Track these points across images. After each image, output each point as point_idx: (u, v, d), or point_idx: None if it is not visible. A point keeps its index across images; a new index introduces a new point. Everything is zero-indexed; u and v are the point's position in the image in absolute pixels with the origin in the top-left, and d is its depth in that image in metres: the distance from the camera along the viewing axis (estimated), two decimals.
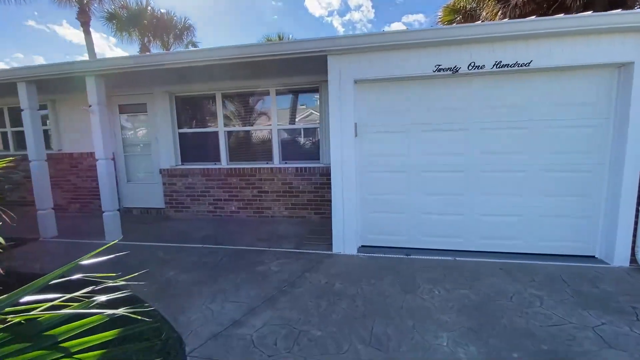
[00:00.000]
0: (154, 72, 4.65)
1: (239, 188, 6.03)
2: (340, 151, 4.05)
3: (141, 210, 6.59)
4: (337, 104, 4.00)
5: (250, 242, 4.71)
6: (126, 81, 5.51)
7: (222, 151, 6.09)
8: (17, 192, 7.27)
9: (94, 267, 1.24)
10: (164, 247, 4.61)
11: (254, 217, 6.02)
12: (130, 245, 4.71)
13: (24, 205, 7.25)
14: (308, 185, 5.70)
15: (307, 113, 5.98)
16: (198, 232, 5.28)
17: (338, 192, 4.13)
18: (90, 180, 6.73)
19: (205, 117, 6.21)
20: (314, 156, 5.80)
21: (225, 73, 4.98)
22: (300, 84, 5.57)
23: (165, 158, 6.26)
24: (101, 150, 4.82)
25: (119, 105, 6.50)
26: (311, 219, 5.77)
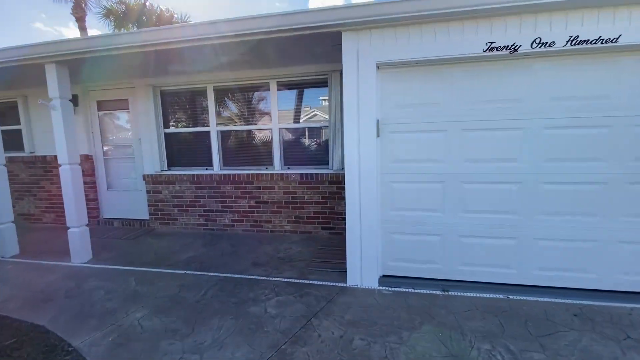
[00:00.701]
0: (131, 58, 3.80)
1: (233, 197, 5.16)
2: (357, 155, 3.16)
3: (123, 222, 5.75)
4: (354, 95, 3.11)
5: (243, 267, 3.82)
6: (100, 71, 4.67)
7: (214, 154, 5.22)
8: None
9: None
10: (139, 273, 3.75)
11: (251, 232, 5.14)
12: (99, 270, 3.86)
13: None
14: (315, 195, 4.81)
15: (312, 112, 5.09)
16: (183, 251, 4.41)
17: (354, 206, 3.24)
18: None
19: (196, 114, 5.36)
20: (322, 161, 4.91)
21: (216, 59, 4.11)
22: (305, 75, 4.69)
23: (149, 162, 5.41)
24: (64, 154, 3.98)
25: (98, 101, 5.67)
26: (318, 235, 4.87)
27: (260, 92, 5.00)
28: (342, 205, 4.71)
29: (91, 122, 5.73)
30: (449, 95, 3.07)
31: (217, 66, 4.55)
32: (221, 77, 4.91)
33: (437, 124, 3.12)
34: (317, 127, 4.92)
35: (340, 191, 4.68)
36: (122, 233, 5.34)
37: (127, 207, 5.81)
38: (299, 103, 4.98)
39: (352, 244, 3.32)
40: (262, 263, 3.92)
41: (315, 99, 4.90)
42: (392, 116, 3.20)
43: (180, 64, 4.36)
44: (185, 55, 3.86)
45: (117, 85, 5.43)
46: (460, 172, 3.14)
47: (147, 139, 5.36)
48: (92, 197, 5.83)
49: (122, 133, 5.77)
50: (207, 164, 5.31)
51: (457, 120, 3.08)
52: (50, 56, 3.69)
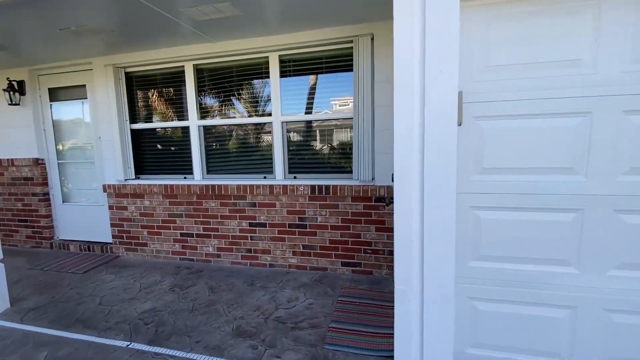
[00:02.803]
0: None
1: (219, 217, 3.76)
2: (415, 159, 1.71)
3: (81, 246, 4.42)
4: (412, 52, 1.66)
5: (220, 338, 2.40)
6: (31, 37, 3.37)
7: (195, 158, 3.85)
8: None
9: None
10: (57, 344, 2.38)
11: (243, 266, 3.72)
12: (4, 332, 2.51)
13: None
14: (332, 216, 3.37)
15: (329, 99, 3.65)
16: (140, 299, 3.03)
17: (408, 247, 1.79)
18: (14, 199, 4.64)
19: (171, 104, 4.00)
20: (343, 168, 3.47)
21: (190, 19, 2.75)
22: (319, 43, 3.27)
23: (111, 168, 4.07)
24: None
25: (50, 89, 4.38)
26: (337, 273, 3.42)
27: (257, 71, 3.60)
28: (372, 232, 3.25)
29: (42, 116, 4.45)
30: (596, 46, 1.59)
31: (195, 34, 3.19)
32: (203, 51, 3.55)
33: (572, 102, 1.64)
34: (336, 119, 3.48)
35: (370, 211, 3.23)
36: (73, 263, 4.00)
37: (87, 227, 4.49)
38: (310, 86, 3.55)
39: (403, 313, 1.85)
40: (251, 330, 2.49)
41: (333, 80, 3.46)
42: (482, 88, 1.74)
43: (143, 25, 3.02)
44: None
45: (72, 66, 4.14)
46: (615, 192, 1.65)
47: (108, 137, 4.03)
48: (44, 213, 4.53)
49: (80, 130, 4.45)
50: (186, 171, 3.94)
51: (613, 95, 1.59)
52: None
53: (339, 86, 3.43)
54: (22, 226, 4.67)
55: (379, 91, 3.09)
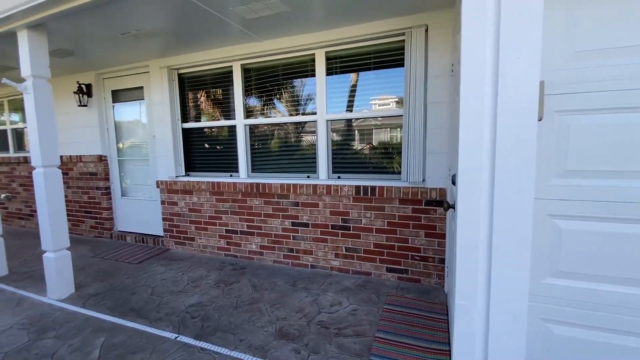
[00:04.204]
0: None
1: (262, 215, 3.77)
2: (485, 158, 1.51)
3: (136, 237, 4.72)
4: (483, 34, 1.46)
5: (263, 338, 2.37)
6: (97, 42, 3.63)
7: (240, 156, 3.90)
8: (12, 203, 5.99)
9: None
10: (114, 332, 2.51)
11: (284, 265, 3.70)
12: (69, 318, 2.71)
13: (20, 218, 5.93)
14: (377, 218, 3.21)
15: (376, 96, 3.48)
16: (188, 292, 3.12)
17: (472, 259, 1.59)
18: (81, 192, 5.08)
19: (219, 104, 4.11)
20: (390, 169, 3.30)
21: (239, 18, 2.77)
22: (367, 38, 3.13)
23: (164, 165, 4.28)
24: (37, 153, 2.93)
25: (112, 91, 4.73)
26: (382, 279, 3.26)
27: (302, 69, 3.55)
28: (422, 237, 3.04)
29: (106, 116, 4.81)
30: None
31: (243, 33, 3.21)
32: (250, 51, 3.58)
33: None
34: (384, 117, 3.31)
35: (419, 215, 3.02)
36: (129, 253, 4.27)
37: (142, 220, 4.78)
38: (355, 83, 3.42)
39: (465, 332, 1.65)
40: (293, 333, 2.43)
41: (380, 76, 3.29)
42: (567, 78, 1.49)
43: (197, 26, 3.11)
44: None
45: (131, 69, 4.42)
46: None
47: (161, 136, 4.24)
48: (105, 206, 4.91)
49: (137, 129, 4.75)
50: (232, 169, 4.02)
51: None
52: (23, 11, 2.62)
53: (385, 83, 3.25)
54: (87, 217, 5.11)
55: (432, 87, 2.87)
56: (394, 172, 3.27)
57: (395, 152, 3.28)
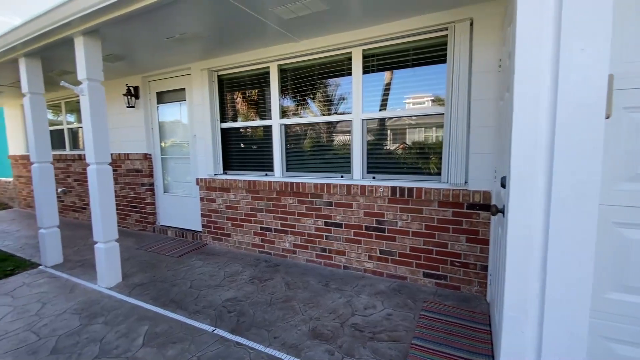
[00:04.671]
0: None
1: (296, 214, 3.80)
2: (541, 158, 1.38)
3: (176, 232, 4.95)
4: (542, 19, 1.35)
5: (296, 337, 2.37)
6: (144, 46, 3.84)
7: (275, 155, 3.96)
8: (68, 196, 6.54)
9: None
10: (156, 320, 2.64)
11: (317, 265, 3.69)
12: (116, 305, 2.89)
13: (74, 210, 6.47)
14: (415, 221, 3.10)
15: (415, 95, 3.36)
16: (225, 287, 3.21)
17: (523, 269, 1.47)
18: (128, 188, 5.43)
19: (255, 104, 4.19)
20: (429, 169, 3.17)
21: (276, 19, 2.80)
22: (406, 34, 3.03)
23: (203, 163, 4.45)
24: (91, 150, 3.15)
25: (157, 93, 5.00)
26: (418, 285, 3.14)
27: (338, 68, 3.52)
28: (462, 242, 2.89)
29: (151, 117, 5.10)
30: None
31: (281, 34, 3.25)
32: (287, 51, 3.61)
33: None
34: (419, 116, 3.19)
35: (460, 219, 2.87)
36: (170, 247, 4.49)
37: (182, 215, 5.01)
38: (391, 81, 3.32)
39: (514, 346, 1.53)
40: (327, 334, 2.40)
41: (418, 74, 3.17)
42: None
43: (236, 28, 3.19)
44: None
45: (174, 72, 4.65)
46: None
47: (201, 136, 4.41)
48: (149, 201, 5.21)
49: (178, 129, 4.98)
50: (267, 168, 4.08)
51: None
52: (80, 18, 2.84)
53: (422, 80, 3.13)
54: (132, 211, 5.45)
55: (477, 83, 2.72)
56: (432, 173, 3.14)
57: (432, 152, 3.15)
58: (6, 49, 3.53)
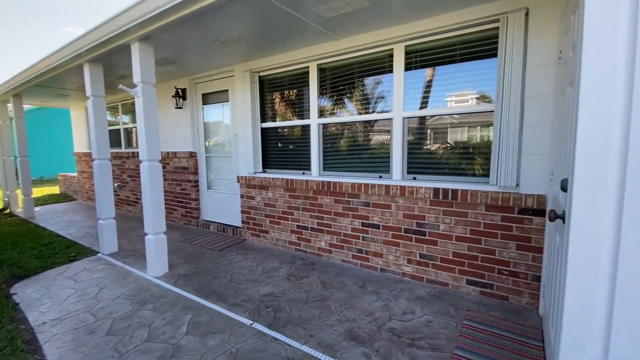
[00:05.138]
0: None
1: (332, 214, 3.78)
2: (616, 163, 1.23)
3: (218, 227, 5.17)
4: (620, 4, 1.20)
5: (332, 337, 2.36)
6: (192, 50, 4.04)
7: (313, 154, 3.97)
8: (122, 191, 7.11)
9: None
10: (199, 310, 2.77)
11: (353, 266, 3.65)
12: (163, 293, 3.08)
13: (128, 204, 7.02)
14: (459, 224, 2.94)
15: (460, 93, 3.17)
16: (262, 282, 3.29)
17: (584, 278, 1.32)
18: (175, 184, 5.78)
19: (294, 104, 4.24)
20: (474, 170, 2.99)
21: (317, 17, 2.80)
22: (451, 29, 2.88)
23: (244, 162, 4.60)
24: (144, 148, 3.39)
25: (203, 94, 5.25)
26: (461, 292, 2.98)
27: (379, 65, 3.45)
28: (512, 249, 2.69)
29: (197, 117, 5.37)
30: None
31: (321, 33, 3.25)
32: (327, 50, 3.60)
33: None
34: (462, 114, 3.02)
35: (510, 225, 2.67)
36: (212, 241, 4.70)
37: (223, 211, 5.22)
38: (434, 78, 3.18)
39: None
40: (363, 336, 2.36)
41: (462, 70, 2.99)
42: None
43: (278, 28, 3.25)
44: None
45: (218, 74, 4.85)
46: None
47: (242, 135, 4.56)
48: (194, 197, 5.50)
49: (221, 129, 5.19)
50: (304, 167, 4.12)
51: None
52: (137, 25, 3.05)
53: (467, 76, 2.95)
54: (178, 206, 5.78)
55: (532, 78, 2.51)
56: (478, 174, 2.96)
57: (477, 152, 2.96)
58: (73, 56, 3.91)
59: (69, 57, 3.98)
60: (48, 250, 4.44)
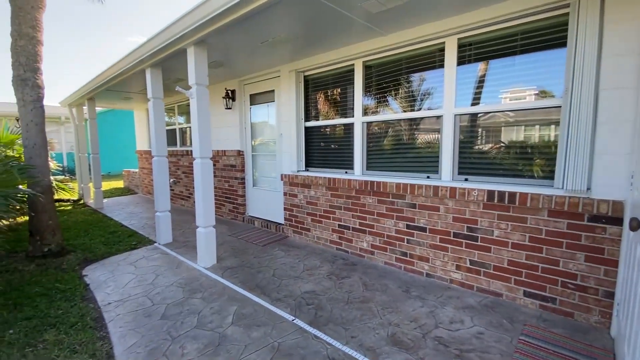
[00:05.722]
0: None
1: (375, 214, 3.70)
2: None
3: (262, 223, 5.33)
4: None
5: (375, 341, 2.29)
6: (241, 52, 4.20)
7: (356, 153, 3.92)
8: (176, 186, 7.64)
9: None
10: (244, 302, 2.87)
11: (396, 269, 3.53)
12: (211, 284, 3.24)
13: (181, 198, 7.52)
14: (516, 230, 2.70)
15: (518, 88, 2.90)
16: (304, 279, 3.31)
17: None
18: (223, 181, 6.07)
19: (337, 102, 4.22)
20: (533, 172, 2.73)
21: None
22: (515, 16, 2.65)
23: (288, 160, 4.69)
24: (197, 146, 3.59)
25: (250, 95, 5.45)
26: (517, 304, 2.73)
27: (428, 61, 3.29)
28: (580, 261, 2.41)
29: (244, 117, 5.59)
30: None
31: (368, 29, 3.19)
32: (373, 47, 3.53)
33: None
34: (518, 112, 2.76)
35: (579, 233, 2.39)
36: (256, 236, 4.86)
37: (267, 208, 5.37)
38: (486, 73, 2.94)
39: None
40: (407, 342, 2.26)
41: (519, 63, 2.73)
42: None
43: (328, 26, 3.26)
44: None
45: (265, 75, 5.00)
46: None
47: (287, 134, 4.65)
48: (240, 194, 5.73)
49: (266, 129, 5.34)
50: (347, 166, 4.08)
51: None
52: (191, 31, 3.24)
53: (528, 69, 2.69)
54: (226, 202, 6.07)
55: (609, 69, 2.21)
56: (539, 176, 2.69)
57: (537, 152, 2.70)
58: (137, 61, 4.28)
59: (134, 63, 4.36)
60: (113, 238, 4.91)
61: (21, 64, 3.90)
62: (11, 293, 3.07)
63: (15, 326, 2.53)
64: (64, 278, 3.43)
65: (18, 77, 3.92)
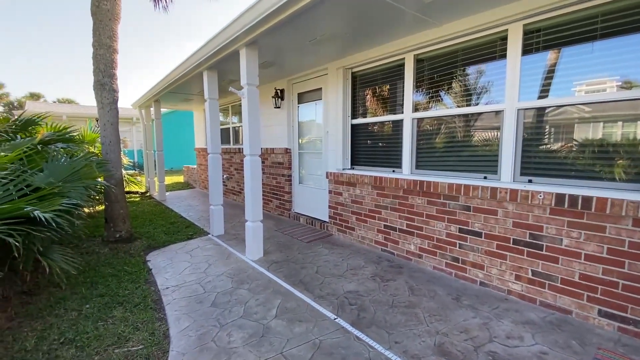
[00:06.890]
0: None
1: (424, 216, 3.51)
2: None
3: (307, 220, 5.40)
4: None
5: (420, 349, 2.17)
6: (290, 51, 4.27)
7: (405, 151, 3.76)
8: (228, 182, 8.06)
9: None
10: (287, 297, 2.92)
11: (446, 275, 3.32)
12: (258, 276, 3.36)
13: (233, 193, 7.94)
14: (591, 240, 2.36)
15: (595, 79, 2.51)
16: (347, 278, 3.27)
17: None
18: (271, 178, 6.27)
19: (386, 99, 4.08)
20: (613, 174, 2.36)
21: None
22: None
23: (333, 158, 4.67)
24: (247, 144, 3.74)
25: (298, 93, 5.53)
26: (590, 324, 2.40)
27: (487, 51, 3.03)
28: None
29: (292, 115, 5.70)
30: None
31: (419, 20, 3.03)
32: (425, 39, 3.34)
33: None
34: (609, 103, 2.39)
35: None
36: (301, 232, 4.93)
37: (312, 205, 5.42)
38: (557, 62, 2.59)
39: None
40: (456, 354, 2.10)
41: (600, 49, 2.36)
42: None
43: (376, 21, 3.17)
44: None
45: (313, 73, 5.03)
46: None
47: (333, 132, 4.64)
48: (287, 190, 5.87)
49: (313, 127, 5.38)
50: (394, 165, 3.93)
51: None
52: (244, 32, 3.37)
53: (612, 56, 2.32)
54: (274, 198, 6.25)
55: None
56: (620, 179, 2.31)
57: (620, 151, 2.32)
58: (195, 65, 4.58)
59: (192, 66, 4.68)
60: (173, 228, 5.35)
61: (100, 70, 4.41)
62: (89, 272, 3.50)
63: (90, 302, 2.87)
64: (131, 262, 3.82)
65: (97, 82, 4.44)
